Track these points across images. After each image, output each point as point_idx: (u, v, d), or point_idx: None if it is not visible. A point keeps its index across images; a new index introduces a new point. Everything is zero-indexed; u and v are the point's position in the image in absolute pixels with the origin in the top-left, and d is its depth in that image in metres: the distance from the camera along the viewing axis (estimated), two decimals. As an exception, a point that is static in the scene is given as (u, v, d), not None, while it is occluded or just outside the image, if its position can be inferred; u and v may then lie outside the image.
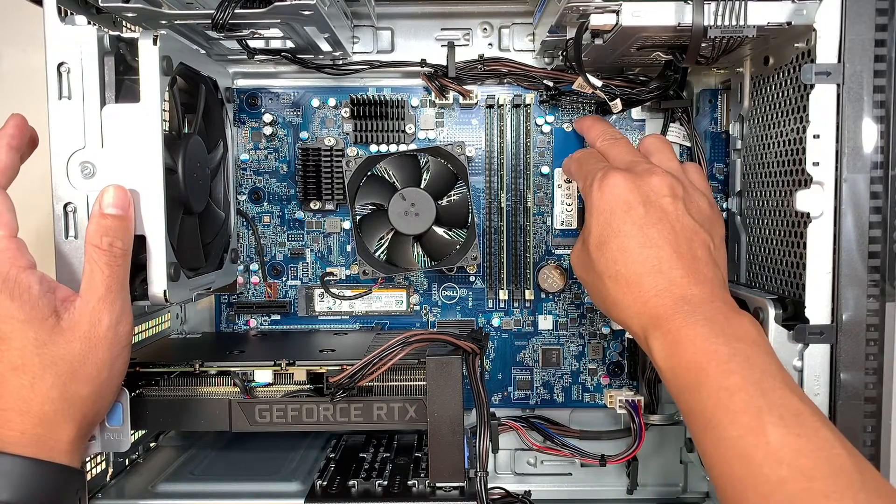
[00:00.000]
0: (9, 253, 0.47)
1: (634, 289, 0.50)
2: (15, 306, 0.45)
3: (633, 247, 0.51)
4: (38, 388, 0.45)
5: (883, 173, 0.51)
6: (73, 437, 0.47)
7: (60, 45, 0.51)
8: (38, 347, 0.45)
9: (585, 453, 0.71)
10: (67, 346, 0.46)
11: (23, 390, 0.45)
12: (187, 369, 0.60)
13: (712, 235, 0.53)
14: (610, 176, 0.53)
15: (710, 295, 0.48)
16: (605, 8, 0.54)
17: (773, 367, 0.44)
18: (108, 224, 0.48)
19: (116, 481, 0.62)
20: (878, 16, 0.50)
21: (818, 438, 0.40)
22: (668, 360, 0.47)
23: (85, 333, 0.47)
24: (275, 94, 0.73)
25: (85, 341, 0.47)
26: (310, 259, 0.75)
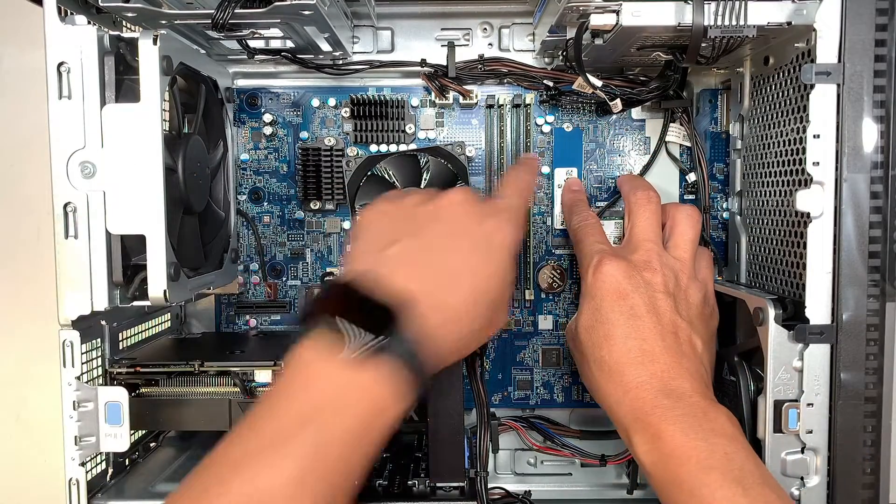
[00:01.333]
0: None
1: (616, 377, 0.51)
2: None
3: (619, 336, 0.52)
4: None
5: (883, 173, 0.50)
6: None
7: (60, 44, 0.51)
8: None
9: (585, 453, 0.71)
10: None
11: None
12: (187, 369, 0.60)
13: (700, 333, 0.54)
14: (605, 263, 0.54)
15: (691, 389, 0.49)
16: (605, 8, 0.54)
17: (750, 464, 0.45)
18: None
19: (116, 481, 0.62)
20: (879, 16, 0.50)
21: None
22: (648, 454, 0.48)
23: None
24: (275, 94, 0.73)
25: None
26: (310, 259, 0.75)
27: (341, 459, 0.38)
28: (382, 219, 0.49)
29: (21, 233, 0.86)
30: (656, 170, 0.73)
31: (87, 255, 0.52)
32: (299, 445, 0.36)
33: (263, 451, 0.36)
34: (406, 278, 0.42)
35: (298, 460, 0.36)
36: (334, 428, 0.38)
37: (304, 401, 0.38)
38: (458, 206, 0.48)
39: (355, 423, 0.39)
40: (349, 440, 0.38)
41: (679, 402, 0.48)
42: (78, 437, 0.54)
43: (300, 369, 0.40)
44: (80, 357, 0.54)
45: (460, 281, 0.44)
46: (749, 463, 0.45)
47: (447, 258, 0.45)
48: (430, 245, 0.45)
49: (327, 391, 0.39)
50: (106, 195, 0.52)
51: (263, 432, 0.38)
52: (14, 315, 0.88)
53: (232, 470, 0.36)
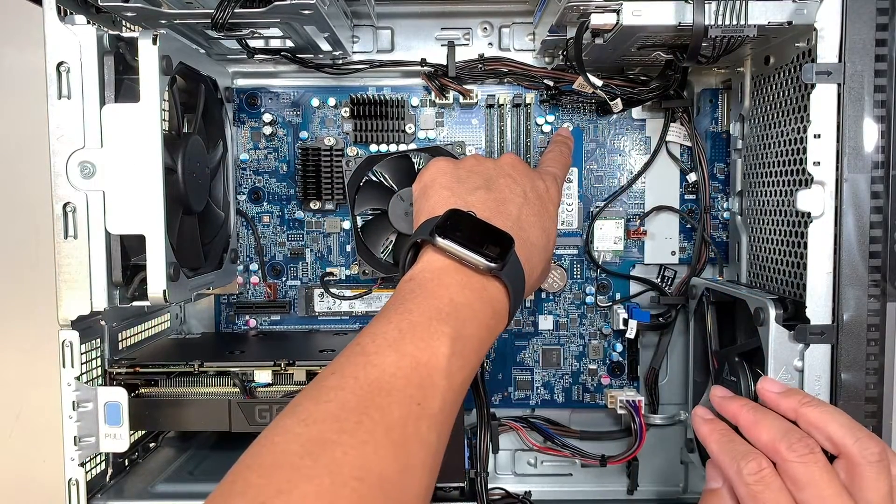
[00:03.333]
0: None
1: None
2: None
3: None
4: None
5: (884, 173, 0.50)
6: None
7: (60, 44, 0.51)
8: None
9: (585, 454, 0.71)
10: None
11: None
12: (187, 369, 0.60)
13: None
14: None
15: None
16: (605, 7, 0.54)
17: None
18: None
19: (116, 481, 0.62)
20: (879, 15, 0.50)
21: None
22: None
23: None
24: (274, 94, 0.73)
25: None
26: (310, 259, 0.75)
27: (471, 357, 0.41)
28: (452, 170, 0.52)
29: (21, 233, 0.86)
30: (657, 170, 0.72)
31: (86, 255, 0.52)
32: (444, 333, 0.39)
33: (418, 333, 0.39)
34: (498, 216, 0.48)
35: (447, 344, 0.39)
36: (468, 325, 0.41)
37: (443, 298, 0.42)
38: (517, 165, 0.54)
39: (482, 324, 0.42)
40: (476, 340, 0.41)
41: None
42: (77, 438, 0.54)
43: (433, 271, 0.44)
44: (79, 357, 0.54)
45: (533, 224, 0.50)
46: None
47: (521, 207, 0.50)
48: (504, 196, 0.50)
49: (461, 293, 0.42)
50: (105, 195, 0.52)
51: (412, 319, 0.40)
52: (14, 315, 0.88)
53: (391, 347, 0.38)
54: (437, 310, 0.41)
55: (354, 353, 0.39)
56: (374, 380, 0.36)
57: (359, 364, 0.38)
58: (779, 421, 0.46)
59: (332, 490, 0.31)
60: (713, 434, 0.48)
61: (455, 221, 0.45)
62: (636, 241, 0.73)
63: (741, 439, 0.47)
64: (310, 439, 0.34)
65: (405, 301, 0.42)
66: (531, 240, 0.49)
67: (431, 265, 0.44)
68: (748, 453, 0.45)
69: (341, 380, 0.37)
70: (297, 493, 0.31)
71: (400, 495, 0.34)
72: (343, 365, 0.38)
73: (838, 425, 0.43)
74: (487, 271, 0.43)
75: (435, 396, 0.37)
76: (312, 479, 0.32)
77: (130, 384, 0.60)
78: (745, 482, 0.43)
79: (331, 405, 0.36)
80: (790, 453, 0.43)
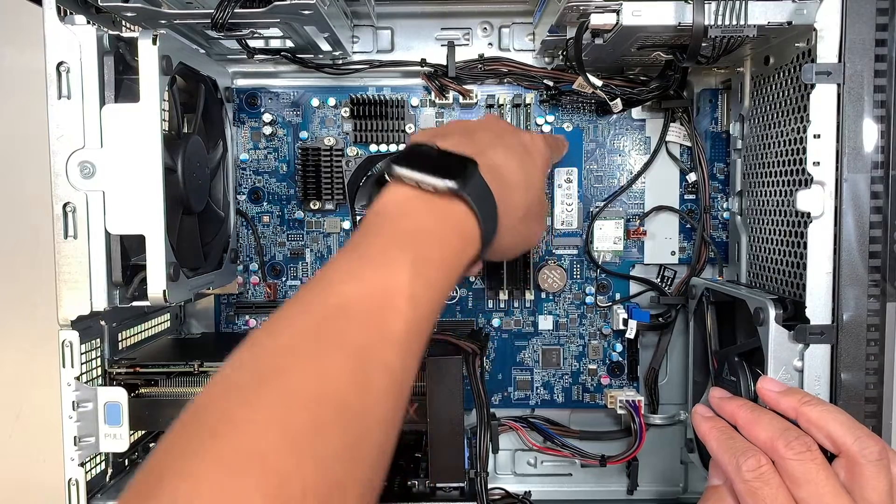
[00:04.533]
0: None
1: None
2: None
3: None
4: None
5: (883, 173, 0.50)
6: None
7: (60, 44, 0.51)
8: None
9: (585, 454, 0.71)
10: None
11: None
12: (187, 369, 0.60)
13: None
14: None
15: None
16: (605, 7, 0.54)
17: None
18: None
19: (116, 482, 0.62)
20: (879, 15, 0.50)
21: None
22: None
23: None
24: (274, 94, 0.73)
25: None
26: (310, 259, 0.75)
27: (437, 282, 0.39)
28: (428, 131, 0.52)
29: (20, 233, 0.86)
30: (656, 169, 0.73)
31: (86, 255, 0.52)
32: (405, 259, 0.38)
33: (377, 260, 0.38)
34: (468, 150, 0.45)
35: (408, 269, 0.38)
36: (431, 250, 0.40)
37: (404, 226, 0.41)
38: (498, 119, 0.54)
39: (446, 249, 0.41)
40: (441, 265, 0.40)
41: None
42: (77, 438, 0.54)
43: (395, 202, 0.42)
44: (79, 357, 0.54)
45: (509, 162, 0.48)
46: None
47: (496, 147, 0.48)
48: (480, 138, 0.48)
49: (424, 219, 0.41)
50: (105, 195, 0.52)
51: (372, 249, 0.39)
52: (14, 315, 0.88)
53: (350, 274, 0.38)
54: (397, 236, 0.40)
55: (314, 284, 0.38)
56: (332, 305, 0.36)
57: (316, 292, 0.37)
58: (777, 419, 0.46)
59: (285, 414, 0.30)
60: (713, 431, 0.49)
61: (415, 153, 0.44)
62: (636, 241, 0.73)
63: (741, 437, 0.47)
64: (265, 367, 0.33)
65: (367, 234, 0.41)
66: (506, 174, 0.47)
67: (393, 195, 0.43)
68: (747, 450, 0.45)
69: (300, 307, 0.36)
70: (247, 419, 0.30)
71: (360, 420, 0.33)
72: (301, 295, 0.37)
73: (838, 424, 0.44)
74: (448, 192, 0.41)
75: (397, 320, 0.36)
76: (264, 405, 0.31)
77: (130, 384, 0.60)
78: (744, 478, 0.44)
79: (287, 333, 0.35)
80: (788, 451, 0.43)
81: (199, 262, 0.62)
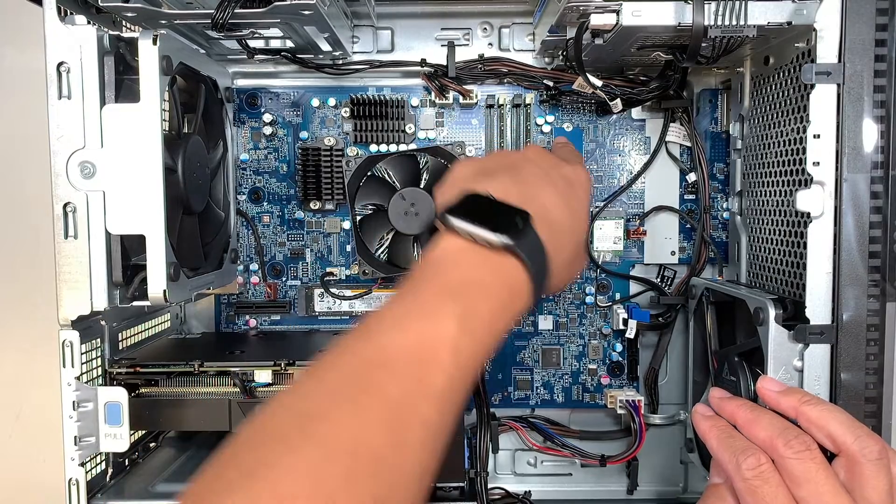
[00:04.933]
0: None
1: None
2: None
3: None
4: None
5: (883, 173, 0.50)
6: None
7: (60, 44, 0.51)
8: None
9: (585, 453, 0.71)
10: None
11: None
12: (187, 369, 0.60)
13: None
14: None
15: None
16: (605, 7, 0.54)
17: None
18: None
19: (116, 481, 0.62)
20: (879, 16, 0.50)
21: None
22: None
23: None
24: (274, 94, 0.73)
25: None
26: (310, 259, 0.75)
27: (483, 336, 0.39)
28: (473, 165, 0.51)
29: (21, 233, 0.86)
30: (656, 169, 0.73)
31: (86, 255, 0.52)
32: (452, 311, 0.38)
33: (424, 310, 0.38)
34: (518, 197, 0.45)
35: (454, 321, 0.38)
36: (480, 303, 0.40)
37: (455, 277, 0.41)
38: (543, 152, 0.53)
39: (496, 302, 0.41)
40: (489, 318, 0.40)
41: None
42: (78, 438, 0.54)
43: (447, 253, 0.43)
44: (79, 357, 0.54)
45: (557, 204, 0.48)
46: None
47: (543, 187, 0.48)
48: (525, 178, 0.48)
49: (476, 272, 0.41)
50: (106, 195, 0.52)
51: (419, 298, 0.40)
52: (14, 315, 0.88)
53: (395, 324, 0.38)
54: (446, 287, 0.40)
55: (358, 331, 0.38)
56: (374, 355, 0.36)
57: (360, 340, 0.37)
58: (776, 419, 0.46)
59: (320, 463, 0.31)
60: (713, 430, 0.49)
61: (470, 203, 0.44)
62: (636, 241, 0.73)
63: (741, 436, 0.47)
64: (302, 413, 0.33)
65: (415, 281, 0.41)
66: (556, 219, 0.47)
67: (446, 246, 0.43)
68: (747, 449, 0.45)
69: (342, 356, 0.37)
70: (283, 464, 0.31)
71: (393, 473, 0.33)
72: (346, 342, 0.38)
73: (838, 423, 0.44)
74: (501, 247, 0.41)
75: (438, 373, 0.36)
76: (300, 452, 0.31)
77: (130, 384, 0.60)
78: (744, 477, 0.44)
79: (328, 380, 0.35)
80: (787, 450, 0.43)
81: (200, 262, 0.62)
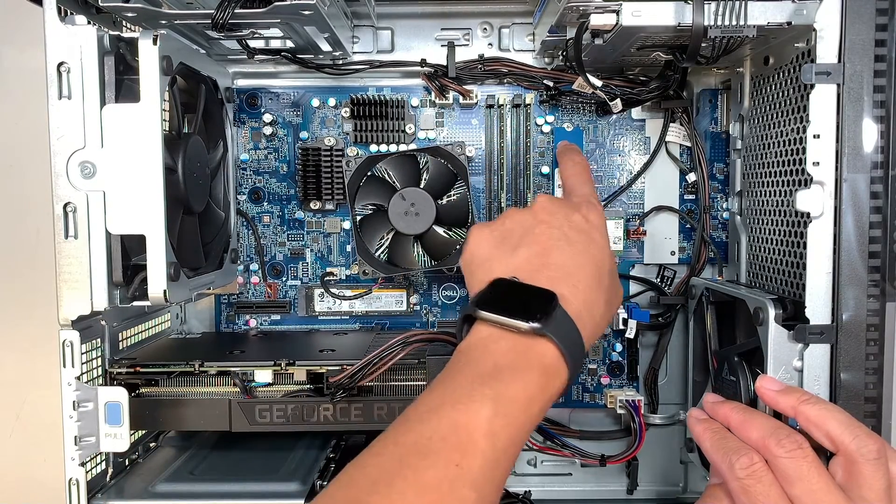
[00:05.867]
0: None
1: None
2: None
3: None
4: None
5: (883, 173, 0.50)
6: None
7: (60, 44, 0.51)
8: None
9: (585, 453, 0.71)
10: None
11: None
12: (187, 369, 0.60)
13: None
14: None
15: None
16: (605, 8, 0.54)
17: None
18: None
19: (116, 481, 0.62)
20: (879, 16, 0.50)
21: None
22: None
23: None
24: (275, 94, 0.73)
25: None
26: (310, 259, 0.75)
27: (519, 418, 0.41)
28: (489, 236, 0.52)
29: (21, 233, 0.86)
30: (656, 170, 0.73)
31: (86, 255, 0.52)
32: (485, 396, 0.40)
33: (458, 397, 0.40)
34: (546, 274, 0.47)
35: (488, 406, 0.39)
36: (513, 386, 0.41)
37: (487, 364, 0.42)
38: (550, 206, 0.52)
39: (530, 385, 0.42)
40: (525, 401, 0.41)
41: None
42: (78, 437, 0.54)
43: (478, 342, 0.44)
44: (79, 357, 0.54)
45: (582, 265, 0.49)
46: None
47: (564, 251, 0.49)
48: (545, 246, 0.49)
49: (506, 357, 0.42)
50: (106, 195, 0.52)
51: (454, 386, 0.41)
52: (14, 315, 0.88)
53: (431, 413, 0.40)
54: (480, 374, 0.41)
55: (399, 422, 0.40)
56: (412, 443, 0.38)
57: (400, 430, 0.40)
58: (768, 419, 0.47)
59: None
60: (706, 433, 0.49)
61: (497, 291, 0.46)
62: (636, 241, 0.73)
63: (734, 437, 0.48)
64: (348, 500, 0.36)
65: (451, 371, 0.43)
66: (583, 280, 0.48)
67: (478, 335, 0.45)
68: (740, 449, 0.45)
69: (383, 446, 0.39)
70: None
71: None
72: (387, 433, 0.40)
73: (837, 423, 0.44)
74: (531, 332, 0.43)
75: (475, 457, 0.38)
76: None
77: (131, 384, 0.60)
78: (737, 476, 0.44)
79: (369, 469, 0.38)
80: (779, 449, 0.44)
81: (200, 262, 0.62)
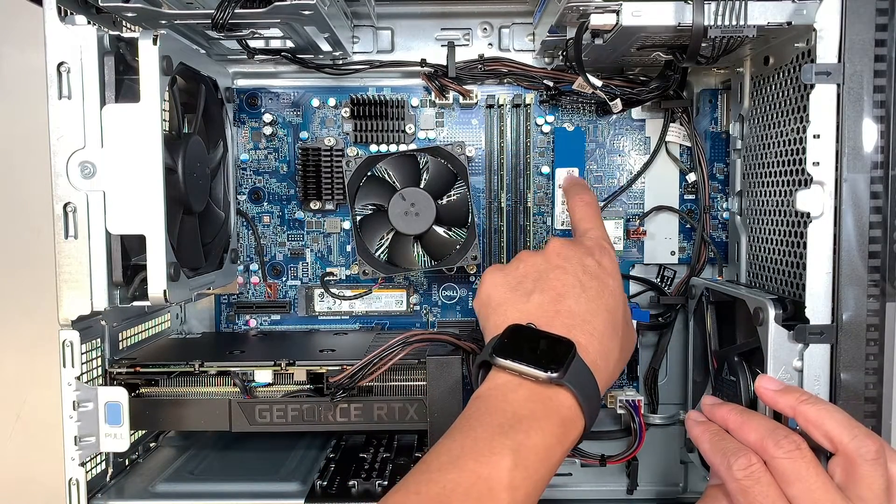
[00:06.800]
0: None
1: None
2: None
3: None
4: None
5: (883, 173, 0.50)
6: None
7: (60, 44, 0.51)
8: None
9: (585, 453, 0.71)
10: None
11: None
12: (187, 369, 0.61)
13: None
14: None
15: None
16: (605, 8, 0.54)
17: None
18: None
19: (116, 481, 0.62)
20: (879, 16, 0.50)
21: None
22: None
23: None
24: (275, 94, 0.73)
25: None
26: (310, 259, 0.75)
27: (537, 469, 0.41)
28: (503, 280, 0.52)
29: (21, 233, 0.86)
30: (656, 170, 0.73)
31: (86, 255, 0.52)
32: (505, 447, 0.40)
33: (479, 449, 0.40)
34: (562, 321, 0.47)
35: (508, 458, 0.40)
36: (532, 437, 0.41)
37: (506, 413, 0.42)
38: (563, 250, 0.52)
39: (549, 435, 0.42)
40: (544, 451, 0.42)
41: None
42: (78, 438, 0.54)
43: (497, 390, 0.44)
44: (79, 357, 0.54)
45: (596, 312, 0.49)
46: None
47: (578, 297, 0.49)
48: (559, 292, 0.49)
49: (524, 406, 0.43)
50: (106, 195, 0.52)
51: (474, 436, 0.42)
52: (14, 315, 0.88)
53: (453, 464, 0.40)
54: (500, 425, 0.42)
55: (419, 471, 0.41)
56: (435, 495, 0.38)
57: (421, 481, 0.40)
58: (766, 420, 0.47)
59: None
60: (705, 434, 0.49)
61: (514, 338, 0.46)
62: (636, 241, 0.73)
63: (732, 438, 0.48)
64: None
65: (470, 419, 0.43)
66: (599, 328, 0.48)
67: (496, 382, 0.45)
68: (738, 450, 0.45)
69: (405, 497, 0.39)
70: None
71: None
72: (407, 482, 0.40)
73: (836, 423, 0.44)
74: (549, 381, 0.43)
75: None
76: None
77: (131, 384, 0.61)
78: (736, 477, 0.44)
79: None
80: (777, 450, 0.44)
81: (200, 262, 0.62)
